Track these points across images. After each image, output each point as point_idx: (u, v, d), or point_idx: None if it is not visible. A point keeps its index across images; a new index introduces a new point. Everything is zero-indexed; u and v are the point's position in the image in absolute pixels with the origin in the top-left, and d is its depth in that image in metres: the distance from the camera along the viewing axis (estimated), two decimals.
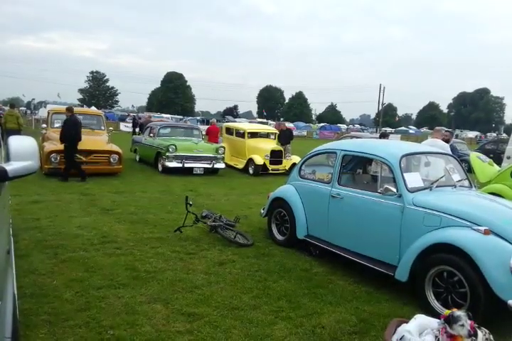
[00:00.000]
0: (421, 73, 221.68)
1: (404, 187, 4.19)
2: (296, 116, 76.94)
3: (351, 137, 16.03)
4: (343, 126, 61.20)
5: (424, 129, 62.72)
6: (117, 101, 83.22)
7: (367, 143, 5.40)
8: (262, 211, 6.11)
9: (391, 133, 46.44)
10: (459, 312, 2.50)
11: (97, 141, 10.90)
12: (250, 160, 12.84)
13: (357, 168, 6.10)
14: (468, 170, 9.40)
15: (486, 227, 3.58)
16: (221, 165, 12.15)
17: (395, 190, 4.21)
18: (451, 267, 3.58)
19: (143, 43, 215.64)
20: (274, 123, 46.37)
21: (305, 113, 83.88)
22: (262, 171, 12.61)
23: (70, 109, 10.12)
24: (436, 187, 4.34)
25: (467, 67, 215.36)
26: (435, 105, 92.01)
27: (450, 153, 6.30)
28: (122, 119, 40.36)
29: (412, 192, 4.17)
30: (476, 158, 8.32)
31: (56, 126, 11.12)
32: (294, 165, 10.60)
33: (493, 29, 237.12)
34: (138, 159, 13.99)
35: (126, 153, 12.64)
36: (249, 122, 34.58)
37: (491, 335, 2.63)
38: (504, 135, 39.12)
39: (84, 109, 18.18)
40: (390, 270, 4.10)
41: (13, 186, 6.48)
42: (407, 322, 2.78)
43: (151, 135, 13.12)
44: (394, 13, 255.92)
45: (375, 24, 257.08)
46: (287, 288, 4.16)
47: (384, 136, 9.95)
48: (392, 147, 4.89)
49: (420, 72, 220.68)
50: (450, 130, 9.96)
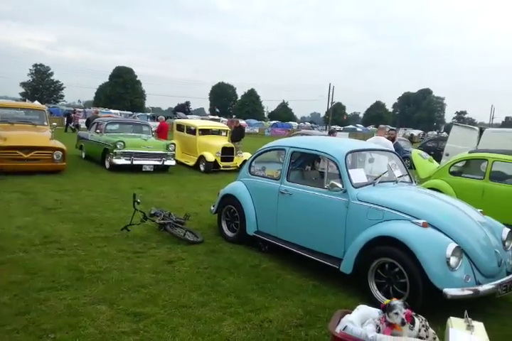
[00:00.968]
0: (369, 73, 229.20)
1: (349, 182, 4.33)
2: (248, 114, 77.18)
3: (302, 134, 16.33)
4: (295, 124, 62.29)
5: (371, 127, 64.98)
6: (62, 96, 79.61)
7: (314, 140, 5.53)
8: (212, 208, 6.09)
9: (340, 131, 47.86)
10: (395, 302, 2.62)
11: (39, 136, 10.38)
12: (201, 157, 12.74)
13: (306, 165, 6.23)
14: (411, 167, 9.89)
15: (425, 220, 3.77)
16: (171, 162, 11.96)
17: (340, 186, 4.34)
18: (392, 259, 3.75)
19: (92, 36, 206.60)
20: (226, 120, 46.28)
21: (257, 110, 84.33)
22: (213, 168, 12.54)
23: None
24: (379, 182, 4.52)
25: (412, 68, 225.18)
26: (381, 104, 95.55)
27: (393, 150, 6.59)
28: (68, 114, 38.67)
29: (356, 188, 4.31)
30: (417, 155, 8.73)
31: None
32: (245, 162, 10.65)
33: (436, 33, 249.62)
34: (84, 156, 13.47)
35: (71, 149, 12.14)
36: (201, 119, 34.24)
37: (427, 322, 2.78)
38: (444, 133, 41.33)
39: (25, 104, 17.22)
40: (336, 263, 4.22)
41: None
42: (350, 313, 2.87)
43: (98, 131, 12.66)
44: (345, 14, 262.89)
45: (327, 24, 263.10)
46: (236, 284, 4.17)
47: (332, 133, 10.23)
48: (338, 144, 5.03)
49: (368, 72, 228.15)
50: (395, 128, 10.36)
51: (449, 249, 3.49)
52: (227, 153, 12.85)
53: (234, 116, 71.21)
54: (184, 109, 79.60)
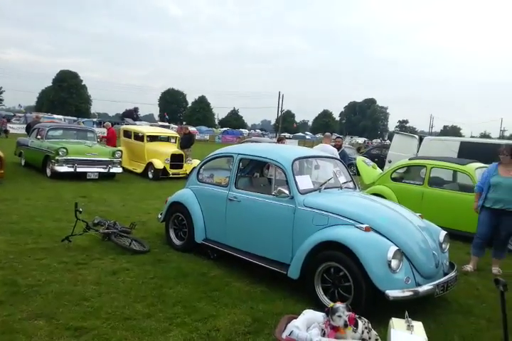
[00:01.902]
0: (317, 82, 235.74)
1: (296, 189, 4.40)
2: (199, 120, 76.81)
3: (252, 141, 16.45)
4: (245, 131, 62.60)
5: (319, 135, 66.68)
6: (1, 100, 75.25)
7: (262, 147, 5.57)
8: (160, 216, 5.97)
9: (289, 138, 48.65)
10: (338, 305, 2.68)
11: None
12: (150, 164, 12.48)
13: (254, 172, 6.27)
14: (356, 173, 10.23)
15: (367, 225, 3.90)
16: (118, 170, 11.61)
17: (287, 192, 4.39)
18: (337, 263, 3.83)
19: (35, 38, 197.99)
20: (176, 126, 45.70)
21: (208, 117, 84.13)
22: (162, 175, 12.33)
23: None
24: (325, 188, 4.63)
25: (358, 78, 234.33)
26: (329, 113, 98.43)
27: (338, 157, 6.79)
28: (8, 120, 36.61)
29: (303, 194, 4.38)
30: (361, 162, 9.05)
31: None
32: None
33: (380, 45, 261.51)
34: (23, 163, 12.77)
35: (9, 156, 11.46)
36: (151, 125, 33.62)
37: (370, 324, 2.87)
38: (388, 141, 43.19)
39: None
40: (284, 269, 4.25)
41: None
42: (296, 318, 2.91)
43: (39, 137, 12.07)
44: (295, 24, 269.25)
45: (277, 33, 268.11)
46: (183, 294, 4.09)
47: (280, 140, 10.38)
48: (285, 151, 5.10)
49: (316, 81, 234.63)
50: (341, 136, 10.70)
51: (390, 251, 3.63)
52: (177, 160, 12.69)
53: (184, 122, 70.56)
54: (132, 115, 77.82)
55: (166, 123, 51.85)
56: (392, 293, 3.55)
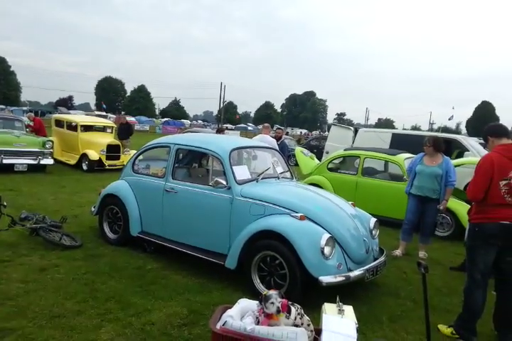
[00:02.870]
0: (260, 74, 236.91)
1: (233, 179, 4.39)
2: (138, 110, 74.43)
3: (193, 132, 16.22)
4: (187, 122, 61.61)
5: (260, 126, 67.15)
6: None
7: (200, 138, 5.50)
8: (93, 209, 5.72)
9: (232, 129, 48.60)
10: (271, 292, 2.72)
11: None
12: (84, 156, 11.92)
13: (193, 162, 6.18)
14: (297, 164, 10.41)
15: (302, 214, 3.99)
16: (49, 161, 10.98)
17: (224, 183, 4.37)
18: (273, 252, 3.89)
19: None
20: (114, 116, 44.02)
21: (148, 107, 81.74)
22: (97, 167, 11.82)
23: None
24: (262, 179, 4.66)
25: (298, 70, 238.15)
26: (270, 104, 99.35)
27: (276, 147, 6.88)
28: None
29: (240, 184, 4.38)
30: (299, 153, 9.23)
31: None
32: None
33: (319, 39, 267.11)
34: None
35: None
36: (86, 115, 32.08)
37: (302, 310, 2.93)
38: (327, 133, 44.39)
39: None
40: (221, 259, 4.25)
41: None
42: (231, 308, 2.91)
43: None
44: (238, 14, 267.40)
45: (220, 23, 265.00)
46: (117, 288, 3.97)
47: (220, 131, 10.32)
48: (222, 141, 5.06)
49: (259, 72, 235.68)
50: (282, 127, 10.83)
51: (323, 239, 3.74)
52: (113, 151, 12.22)
53: (123, 112, 68.18)
54: (67, 103, 74.06)
55: (103, 113, 49.78)
56: (325, 279, 3.66)
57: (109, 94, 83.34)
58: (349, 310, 3.00)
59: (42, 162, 10.76)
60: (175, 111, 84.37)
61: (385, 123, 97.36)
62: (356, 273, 3.88)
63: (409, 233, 5.82)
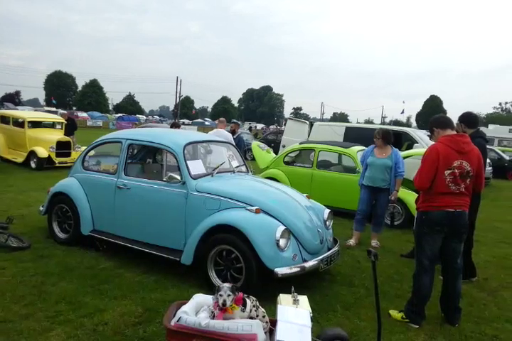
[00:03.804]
0: (216, 68, 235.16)
1: (188, 174, 4.33)
2: (91, 106, 71.90)
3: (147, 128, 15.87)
4: (142, 117, 60.25)
5: (217, 121, 66.71)
6: None
7: (153, 132, 5.37)
8: (42, 208, 5.48)
9: (189, 124, 47.98)
10: (223, 284, 2.72)
11: None
12: (32, 153, 11.39)
13: (147, 158, 6.05)
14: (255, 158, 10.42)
15: (257, 207, 4.00)
16: None
17: (179, 178, 4.31)
18: (229, 245, 3.89)
19: None
20: (65, 112, 42.32)
21: (101, 102, 79.08)
22: (47, 165, 11.35)
23: None
24: (217, 173, 4.63)
25: (254, 65, 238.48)
26: (228, 99, 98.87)
27: (232, 142, 6.85)
28: None
29: (195, 179, 4.34)
30: (256, 147, 9.26)
31: None
32: None
33: (274, 33, 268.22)
34: None
35: None
36: (35, 110, 30.66)
37: (257, 302, 2.95)
38: (284, 127, 44.77)
39: None
40: (177, 255, 4.19)
41: None
42: (186, 304, 2.88)
43: None
44: (190, 8, 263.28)
45: (173, 16, 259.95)
46: (68, 289, 3.83)
47: (175, 126, 10.15)
48: (176, 136, 4.98)
49: (216, 67, 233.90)
50: (237, 122, 10.80)
51: (278, 231, 3.77)
52: (64, 148, 11.78)
53: (74, 108, 65.70)
54: (14, 99, 70.39)
55: (54, 109, 47.72)
56: (281, 271, 3.70)
57: (60, 88, 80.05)
58: (304, 299, 3.05)
59: None
60: (129, 107, 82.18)
61: (340, 117, 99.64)
62: (311, 264, 3.95)
63: (362, 223, 5.98)
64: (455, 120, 4.17)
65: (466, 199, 3.58)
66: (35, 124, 12.35)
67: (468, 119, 4.69)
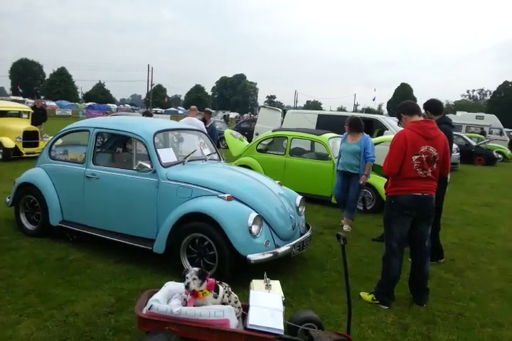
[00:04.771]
0: (189, 56, 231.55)
1: (159, 162, 4.28)
2: (59, 94, 69.78)
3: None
4: (114, 106, 58.93)
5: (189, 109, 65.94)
6: None
7: (122, 120, 5.27)
8: (8, 200, 5.32)
9: (162, 113, 47.24)
10: (191, 268, 2.74)
11: None
12: None
13: (116, 147, 5.94)
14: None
15: (229, 194, 4.00)
16: None
17: (149, 166, 4.25)
18: (202, 233, 3.88)
19: None
20: (32, 101, 40.91)
21: (70, 91, 76.82)
22: (14, 155, 11.02)
23: None
24: (189, 161, 4.59)
25: (228, 53, 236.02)
26: (201, 87, 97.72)
27: (204, 130, 6.80)
28: None
29: (165, 167, 4.29)
30: (229, 135, 9.21)
31: None
32: None
33: (247, 21, 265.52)
34: None
35: None
36: (1, 100, 29.48)
37: (230, 288, 2.96)
38: (257, 115, 44.65)
39: None
40: (149, 244, 4.16)
41: None
42: (157, 292, 2.86)
43: None
44: None
45: (145, 3, 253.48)
46: (37, 281, 3.75)
47: (147, 114, 9.99)
48: (146, 124, 4.90)
49: (188, 54, 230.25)
50: (210, 110, 10.68)
51: (251, 218, 3.78)
52: (31, 138, 11.44)
53: (42, 97, 63.59)
54: None
55: (20, 98, 46.10)
56: (254, 257, 3.73)
57: (26, 77, 77.24)
58: (276, 284, 3.09)
59: None
60: (100, 95, 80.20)
61: (313, 105, 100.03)
62: (283, 249, 3.99)
63: (343, 206, 6.12)
64: (421, 105, 4.25)
65: (433, 184, 3.67)
66: (1, 114, 11.90)
67: (433, 106, 4.79)
